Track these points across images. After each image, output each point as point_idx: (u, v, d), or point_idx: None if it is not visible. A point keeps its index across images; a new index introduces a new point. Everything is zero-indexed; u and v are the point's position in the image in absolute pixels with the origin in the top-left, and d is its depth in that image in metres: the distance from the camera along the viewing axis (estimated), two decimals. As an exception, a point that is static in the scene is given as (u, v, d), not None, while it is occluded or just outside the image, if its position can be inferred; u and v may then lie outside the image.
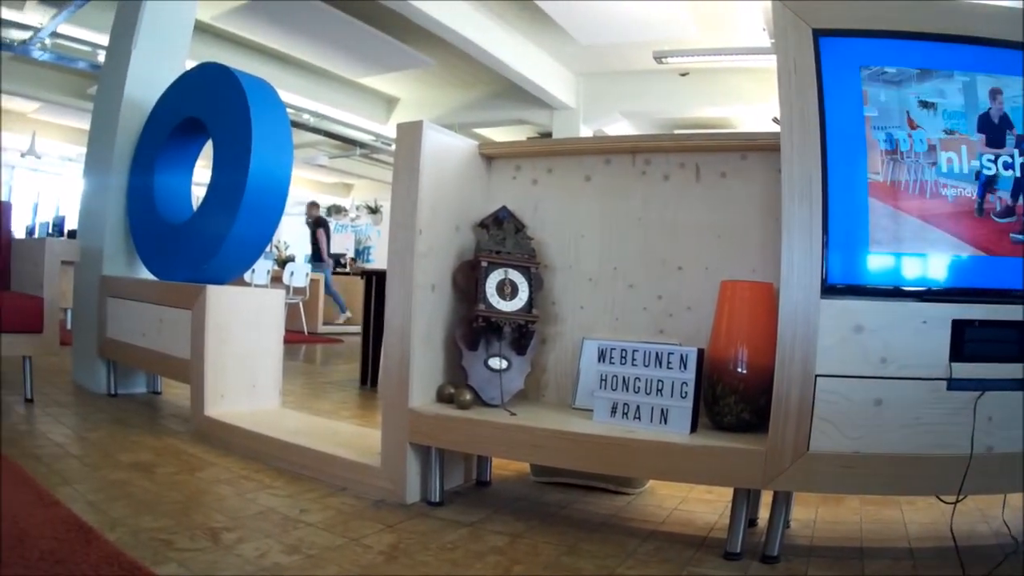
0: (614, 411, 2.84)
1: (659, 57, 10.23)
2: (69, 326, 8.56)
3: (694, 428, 2.72)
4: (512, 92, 12.25)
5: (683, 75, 11.34)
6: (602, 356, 2.91)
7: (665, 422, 2.73)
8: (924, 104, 2.52)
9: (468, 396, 3.04)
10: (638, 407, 2.79)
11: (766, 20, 8.71)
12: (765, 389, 2.56)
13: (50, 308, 4.58)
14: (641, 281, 3.21)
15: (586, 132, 12.35)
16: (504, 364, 3.17)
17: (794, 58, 2.54)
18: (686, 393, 2.72)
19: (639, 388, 2.80)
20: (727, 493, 2.67)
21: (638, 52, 10.62)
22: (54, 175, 21.18)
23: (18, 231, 13.42)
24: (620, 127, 13.03)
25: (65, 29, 10.38)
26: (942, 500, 2.73)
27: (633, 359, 2.83)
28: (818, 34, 2.53)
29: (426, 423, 3.00)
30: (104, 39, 9.29)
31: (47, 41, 10.57)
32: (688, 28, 9.55)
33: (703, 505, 3.23)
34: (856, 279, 2.51)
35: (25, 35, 10.49)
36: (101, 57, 10.35)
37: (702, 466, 2.55)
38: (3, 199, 6.30)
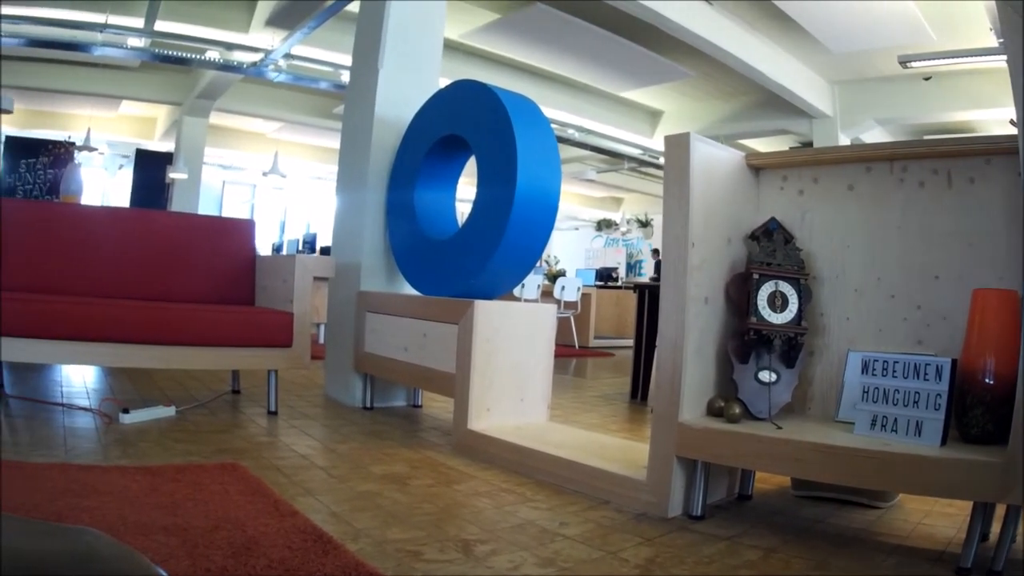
0: (874, 424, 2.84)
1: (904, 61, 10.22)
2: (321, 340, 8.86)
3: (944, 440, 2.69)
4: (771, 102, 12.48)
5: (926, 79, 11.32)
6: (865, 368, 2.93)
7: (919, 435, 2.73)
8: None
9: (738, 409, 3.07)
10: (895, 419, 2.79)
11: (991, 20, 8.64)
12: (1009, 399, 2.53)
13: (300, 323, 4.69)
14: (901, 291, 3.19)
15: (844, 140, 12.40)
16: (773, 377, 3.20)
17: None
18: (939, 405, 2.71)
19: (897, 400, 2.81)
20: (967, 506, 2.68)
21: (883, 58, 10.74)
22: (300, 193, 22.19)
23: (264, 248, 14.08)
24: (874, 134, 12.96)
25: (302, 51, 10.91)
26: None
27: (893, 371, 2.85)
28: (1042, 30, 2.50)
29: (694, 436, 3.03)
30: (345, 59, 9.69)
31: (281, 62, 11.05)
32: (927, 31, 9.58)
33: (945, 519, 3.24)
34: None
35: (255, 57, 11.01)
36: (344, 77, 10.77)
37: (944, 479, 2.52)
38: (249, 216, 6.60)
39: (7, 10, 9.89)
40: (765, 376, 3.17)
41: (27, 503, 2.53)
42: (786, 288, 3.21)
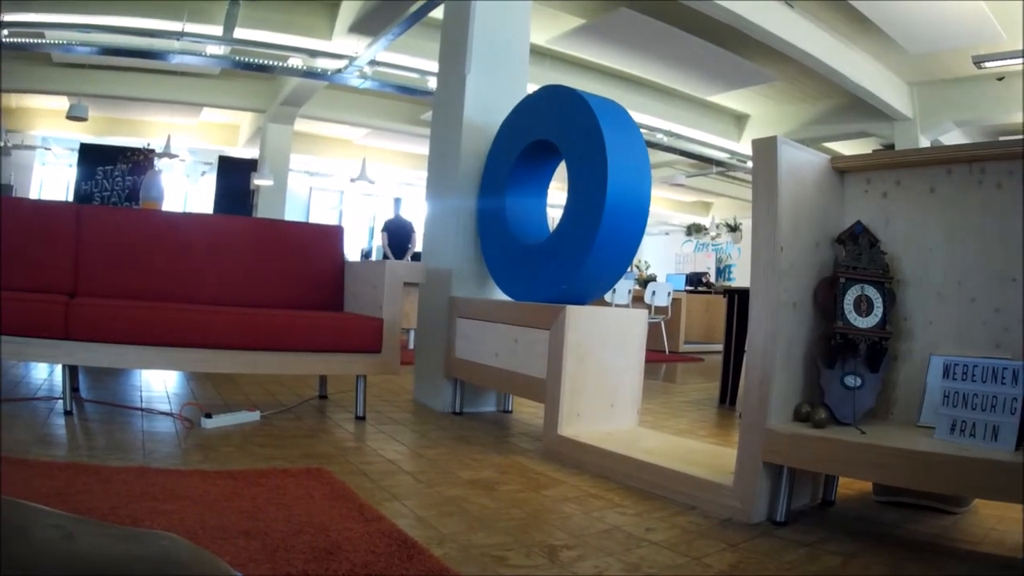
0: (953, 428, 2.85)
1: (977, 61, 10.21)
2: (411, 346, 8.91)
3: (1019, 445, 2.68)
4: (853, 105, 12.49)
5: (999, 79, 11.21)
6: (946, 372, 2.96)
7: (995, 439, 2.73)
8: None
9: (823, 415, 3.09)
10: (973, 424, 2.79)
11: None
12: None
13: (390, 328, 4.72)
14: (981, 294, 3.18)
15: (924, 143, 12.33)
16: (858, 382, 3.20)
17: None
18: (1015, 409, 2.72)
19: (976, 405, 2.82)
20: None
21: (958, 58, 10.70)
22: (389, 199, 22.40)
23: (353, 254, 14.20)
24: (953, 136, 12.88)
25: (387, 57, 11.07)
26: None
27: (972, 375, 2.87)
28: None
29: (780, 442, 3.05)
30: (431, 65, 9.75)
31: (366, 69, 11.14)
32: (998, 31, 9.51)
33: (1016, 524, 3.24)
34: None
35: (339, 64, 11.16)
36: (431, 83, 10.88)
37: (1014, 484, 2.51)
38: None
39: (80, 19, 10.13)
40: (850, 381, 3.18)
41: (102, 506, 2.57)
42: (871, 292, 3.23)
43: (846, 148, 14.86)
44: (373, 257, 15.44)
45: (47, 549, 1.21)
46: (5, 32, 10.13)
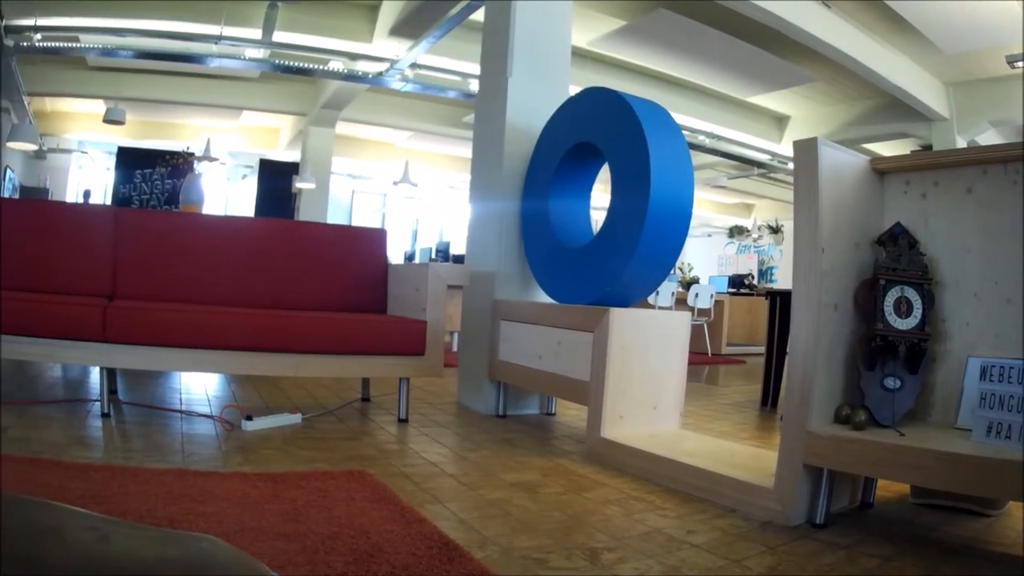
0: (990, 430, 2.85)
1: (1011, 61, 10.11)
2: (454, 349, 8.93)
3: None
4: (891, 105, 12.45)
5: None
6: (983, 374, 2.96)
7: None
8: None
9: (863, 417, 3.09)
10: (1009, 426, 2.79)
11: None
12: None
13: (433, 331, 4.74)
14: (1016, 295, 3.17)
15: (961, 144, 12.22)
16: (898, 384, 3.21)
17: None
18: None
19: (1012, 406, 2.82)
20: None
21: (992, 58, 10.63)
22: (432, 202, 22.35)
23: (396, 257, 14.25)
24: (988, 136, 12.78)
25: (428, 60, 11.09)
26: None
27: (1009, 377, 2.88)
28: None
29: (821, 444, 3.06)
30: (472, 68, 9.75)
31: (408, 72, 11.15)
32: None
33: None
34: None
35: (380, 67, 11.19)
36: (472, 86, 10.91)
37: None
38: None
39: (116, 23, 10.23)
40: (890, 383, 3.18)
41: (139, 508, 2.60)
42: (911, 293, 3.23)
43: (885, 149, 14.77)
44: (416, 260, 15.50)
45: (81, 551, 1.21)
46: (38, 36, 10.17)
